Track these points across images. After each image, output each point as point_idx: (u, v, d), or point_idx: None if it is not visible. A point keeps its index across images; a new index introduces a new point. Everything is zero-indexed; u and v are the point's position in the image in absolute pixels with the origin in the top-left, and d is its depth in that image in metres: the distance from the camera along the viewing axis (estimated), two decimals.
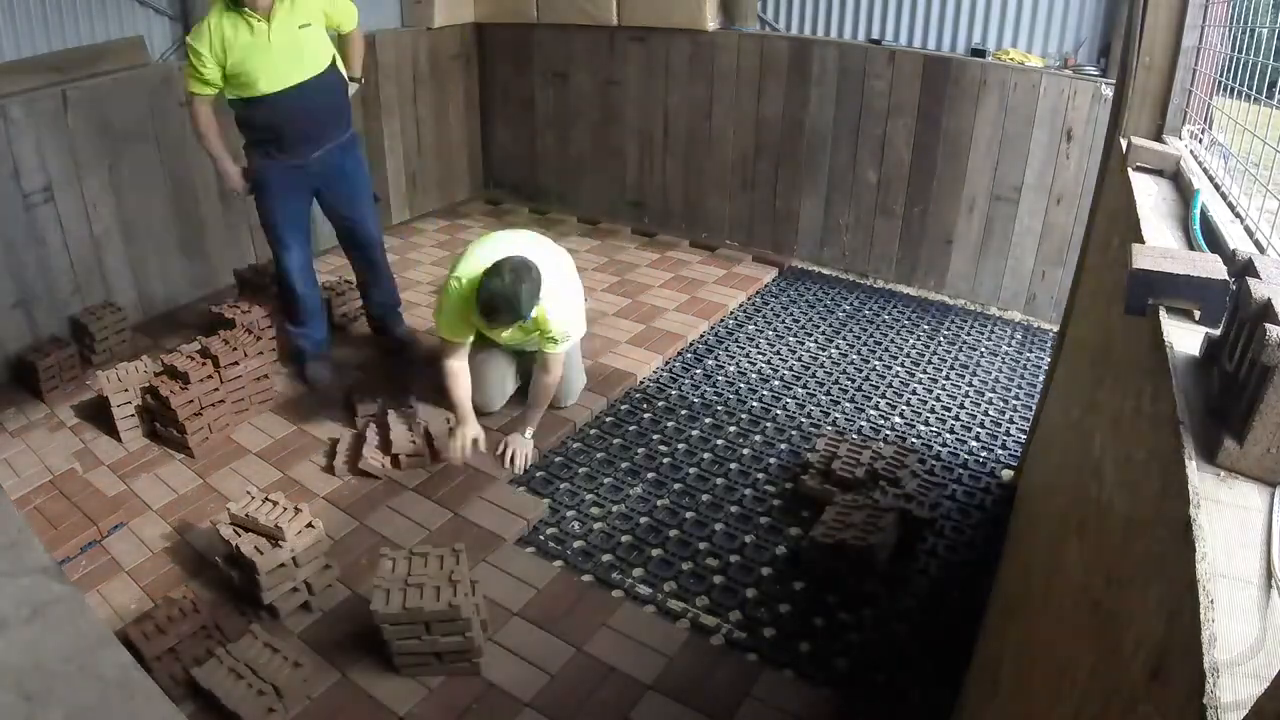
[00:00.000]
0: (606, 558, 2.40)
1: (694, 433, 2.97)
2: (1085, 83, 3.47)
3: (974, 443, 2.92)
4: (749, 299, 4.05)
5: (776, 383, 3.30)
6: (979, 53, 3.78)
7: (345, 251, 3.35)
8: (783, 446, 2.89)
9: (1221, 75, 1.72)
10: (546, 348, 2.68)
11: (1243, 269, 1.03)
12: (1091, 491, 1.19)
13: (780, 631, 2.14)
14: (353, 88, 3.11)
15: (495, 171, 5.58)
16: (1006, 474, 2.74)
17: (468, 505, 2.59)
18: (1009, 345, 3.63)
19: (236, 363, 2.98)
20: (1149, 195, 1.60)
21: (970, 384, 3.31)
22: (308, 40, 2.80)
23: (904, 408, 3.14)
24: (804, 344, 3.61)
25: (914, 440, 2.93)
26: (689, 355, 3.53)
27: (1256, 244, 1.28)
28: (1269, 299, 0.82)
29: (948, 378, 3.34)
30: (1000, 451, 2.87)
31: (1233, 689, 0.56)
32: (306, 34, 2.79)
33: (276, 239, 3.05)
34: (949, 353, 3.55)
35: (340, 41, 3.04)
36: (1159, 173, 1.74)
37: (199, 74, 2.72)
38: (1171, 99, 1.93)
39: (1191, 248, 1.35)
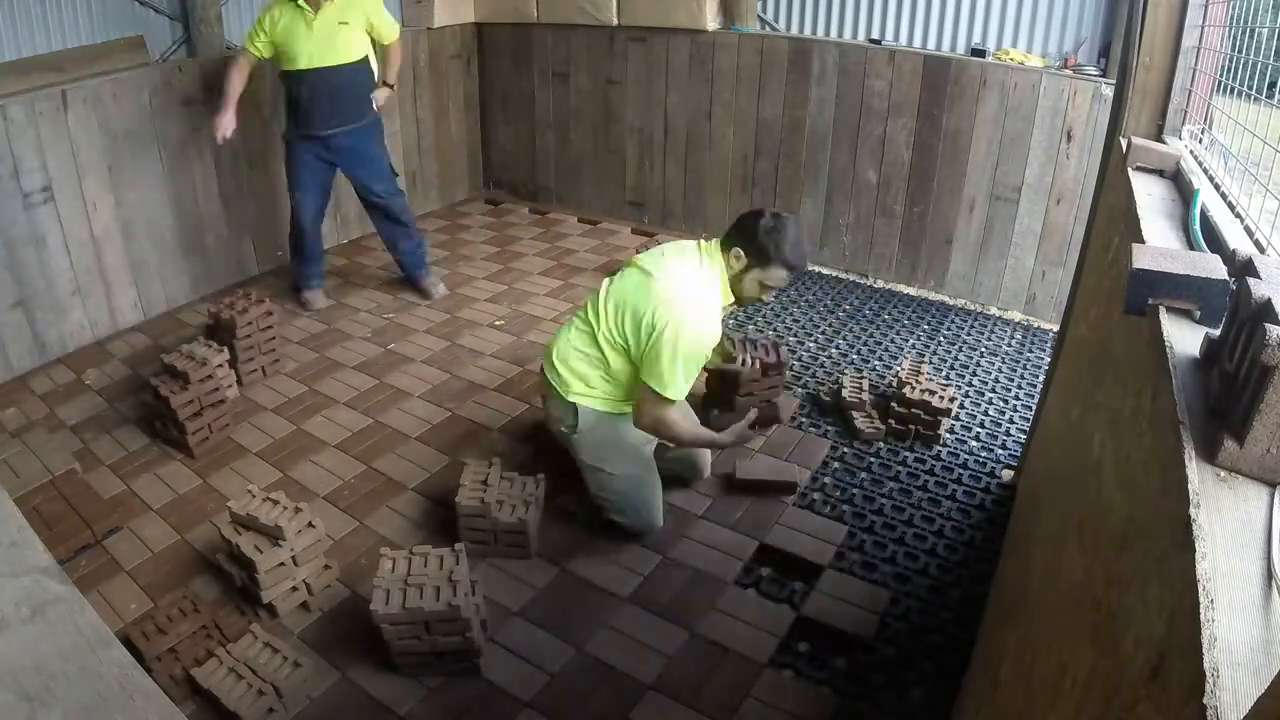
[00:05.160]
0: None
1: None
2: (1085, 83, 3.47)
3: (974, 443, 2.92)
4: None
5: None
6: (979, 53, 3.78)
7: (372, 220, 3.94)
8: None
9: (1221, 75, 1.72)
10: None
11: (1243, 269, 1.03)
12: (1091, 491, 1.19)
13: None
14: (384, 91, 3.69)
15: (495, 171, 5.58)
16: (1006, 474, 2.74)
17: None
18: (1009, 345, 3.63)
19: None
20: (1149, 195, 1.60)
21: (970, 384, 3.31)
22: (342, 35, 3.42)
23: None
24: (804, 344, 3.61)
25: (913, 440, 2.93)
26: None
27: (1256, 244, 1.27)
28: (1269, 299, 0.82)
29: (947, 378, 3.34)
30: (1000, 451, 2.87)
31: (1233, 689, 0.56)
32: (343, 30, 3.41)
33: (293, 192, 3.69)
34: (949, 353, 3.55)
35: (382, 51, 3.65)
36: (1159, 173, 1.74)
37: (253, 36, 3.40)
38: (1171, 99, 1.93)
39: (1191, 248, 1.34)
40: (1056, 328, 2.96)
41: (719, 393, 2.95)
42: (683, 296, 2.13)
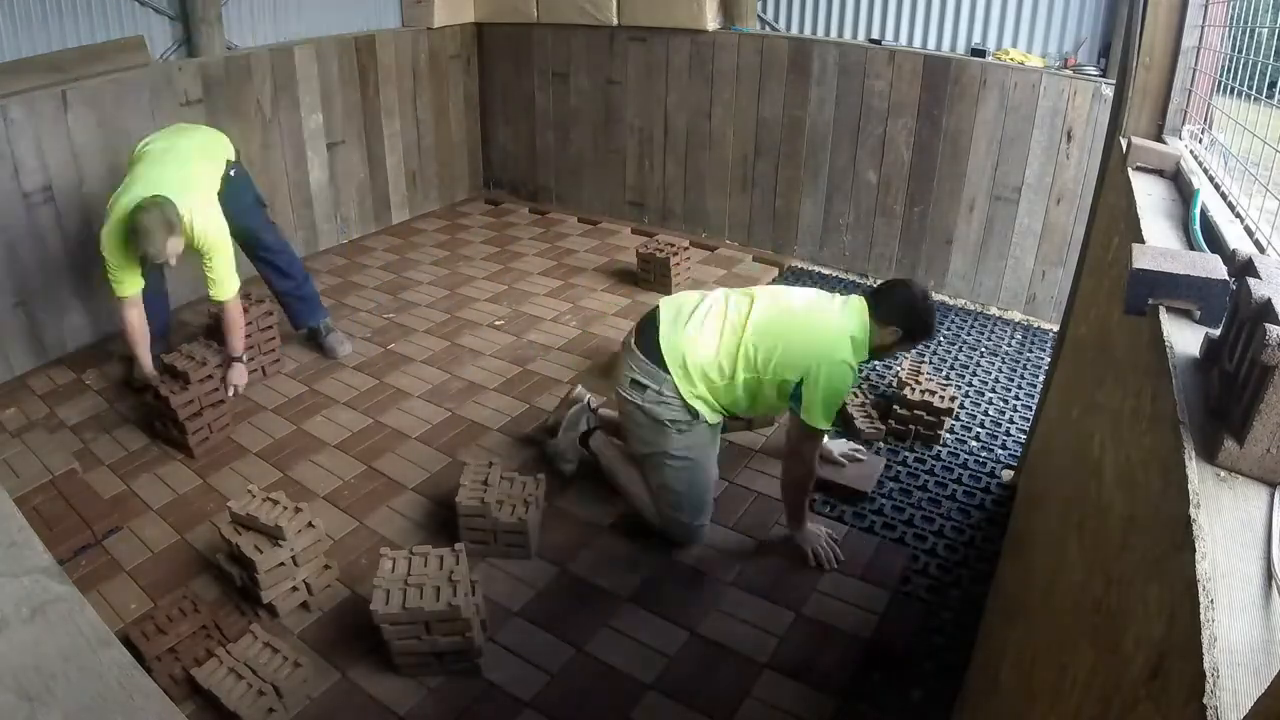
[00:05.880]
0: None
1: None
2: (1085, 83, 3.47)
3: (974, 443, 2.92)
4: None
5: None
6: (979, 53, 3.78)
7: (256, 267, 3.34)
8: None
9: (1221, 75, 1.72)
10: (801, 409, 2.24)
11: (1243, 269, 1.03)
12: (1091, 491, 1.19)
13: None
14: (238, 369, 3.09)
15: (495, 171, 5.58)
16: (1006, 474, 2.74)
17: None
18: (1009, 345, 3.63)
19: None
20: (1149, 195, 1.60)
21: (970, 384, 3.31)
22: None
23: None
24: None
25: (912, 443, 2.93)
26: None
27: (1256, 244, 1.27)
28: (1269, 299, 0.82)
29: (947, 378, 3.34)
30: (1000, 451, 2.87)
31: (1233, 689, 0.56)
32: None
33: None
34: (949, 353, 3.55)
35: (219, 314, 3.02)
36: (1159, 173, 1.74)
37: (117, 281, 2.80)
38: (1171, 99, 1.93)
39: (1191, 248, 1.34)
40: (1056, 328, 2.96)
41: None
42: (836, 352, 2.20)
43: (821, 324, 2.26)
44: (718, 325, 2.29)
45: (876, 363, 3.28)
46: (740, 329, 2.27)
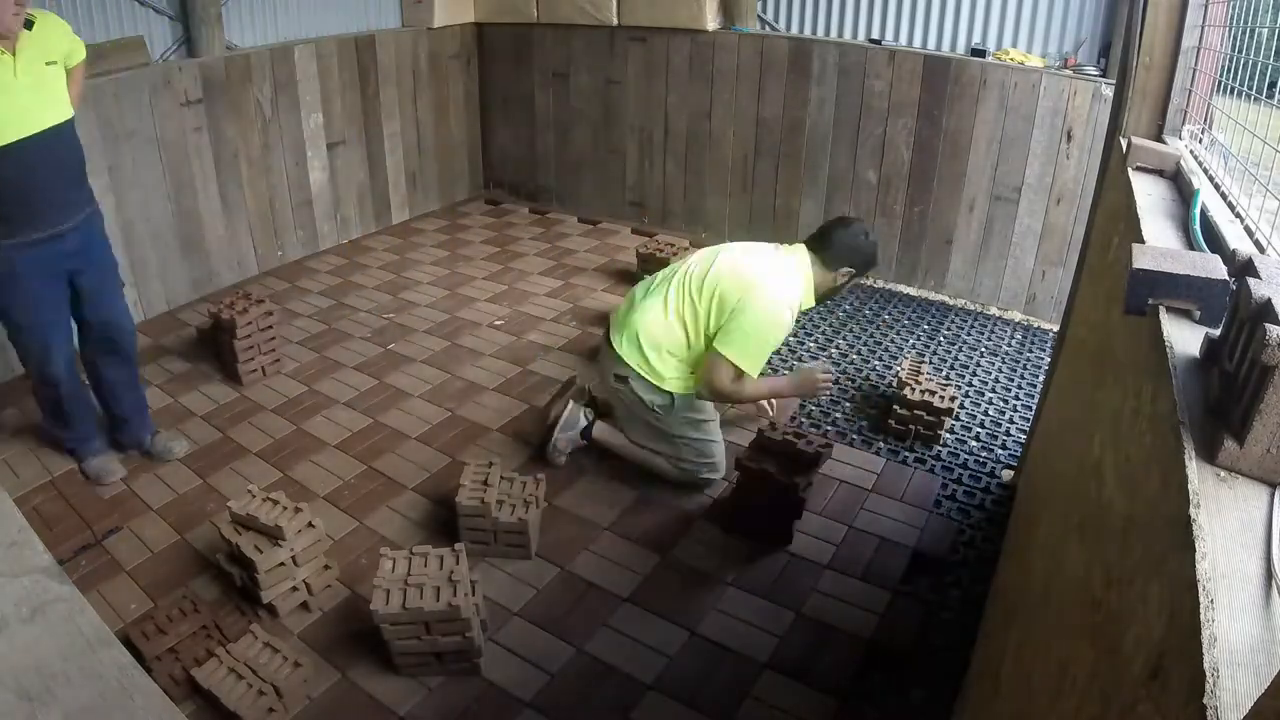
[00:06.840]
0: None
1: None
2: (1085, 83, 3.47)
3: (974, 443, 2.92)
4: None
5: None
6: (979, 53, 3.78)
7: (87, 355, 2.66)
8: None
9: (1221, 75, 1.72)
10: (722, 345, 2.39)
11: (1243, 269, 1.03)
12: (1091, 491, 1.19)
13: None
14: None
15: (495, 171, 5.58)
16: (1006, 474, 2.74)
17: None
18: (1009, 345, 3.63)
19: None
20: (1149, 195, 1.60)
21: (970, 384, 3.31)
22: (55, 80, 2.27)
23: None
24: (804, 344, 3.61)
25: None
26: None
27: (1256, 244, 1.27)
28: (1269, 299, 0.81)
29: (947, 378, 3.34)
30: (1000, 451, 2.87)
31: (1233, 689, 0.56)
32: (54, 72, 2.26)
33: (37, 340, 2.44)
34: (949, 353, 3.55)
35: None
36: (1159, 173, 1.74)
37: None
38: (1171, 99, 1.93)
39: (1191, 248, 1.34)
40: (1056, 328, 2.96)
41: None
42: (769, 285, 2.38)
43: (757, 263, 2.43)
44: (668, 290, 2.49)
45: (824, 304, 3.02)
46: (685, 287, 2.46)
